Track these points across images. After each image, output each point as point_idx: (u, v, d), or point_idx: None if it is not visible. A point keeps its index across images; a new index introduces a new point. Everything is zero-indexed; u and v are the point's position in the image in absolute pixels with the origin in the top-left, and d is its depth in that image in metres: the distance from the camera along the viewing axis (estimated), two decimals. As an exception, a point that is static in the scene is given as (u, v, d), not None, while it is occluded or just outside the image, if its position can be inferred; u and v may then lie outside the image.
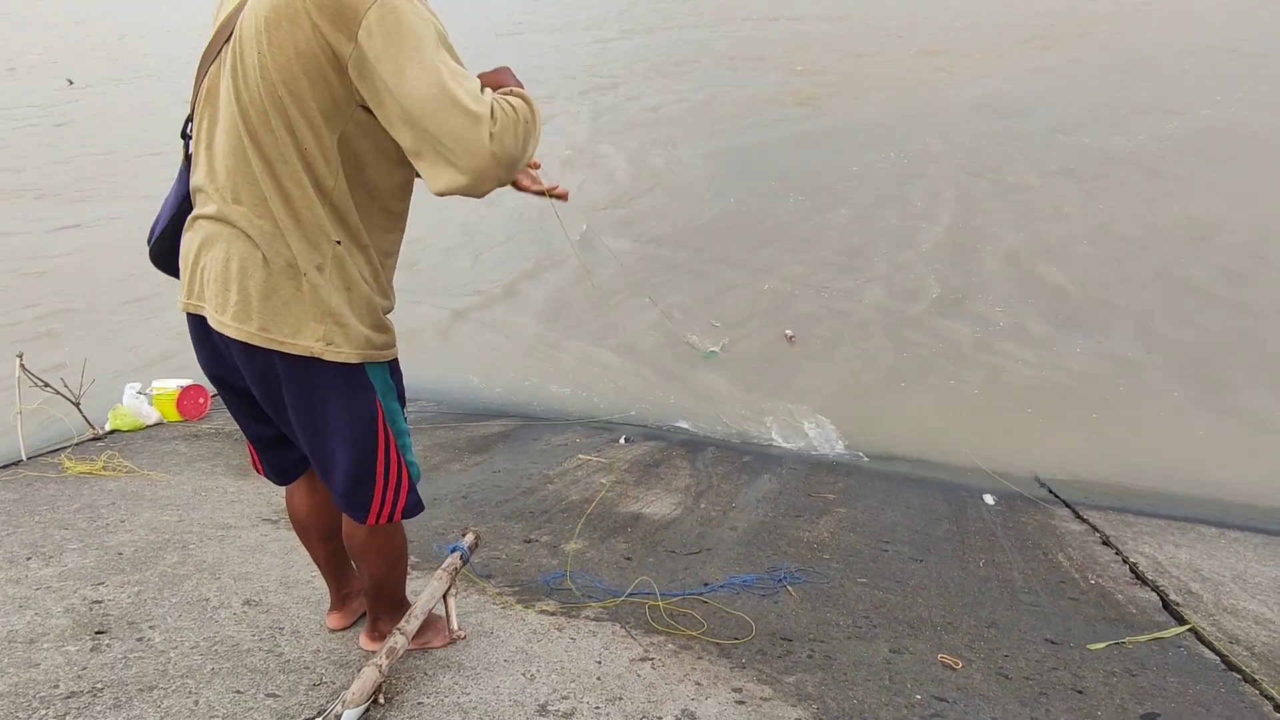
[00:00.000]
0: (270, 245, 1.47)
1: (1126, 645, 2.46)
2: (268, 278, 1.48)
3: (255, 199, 1.46)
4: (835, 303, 6.04)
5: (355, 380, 1.58)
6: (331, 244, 1.49)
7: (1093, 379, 5.03)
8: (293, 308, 1.49)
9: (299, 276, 1.48)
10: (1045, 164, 7.88)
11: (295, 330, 1.49)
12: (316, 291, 1.49)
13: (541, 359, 5.80)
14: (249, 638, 2.02)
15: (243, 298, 1.48)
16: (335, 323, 1.51)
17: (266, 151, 1.43)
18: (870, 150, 8.58)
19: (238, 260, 1.48)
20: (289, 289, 1.48)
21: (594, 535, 3.06)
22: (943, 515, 3.68)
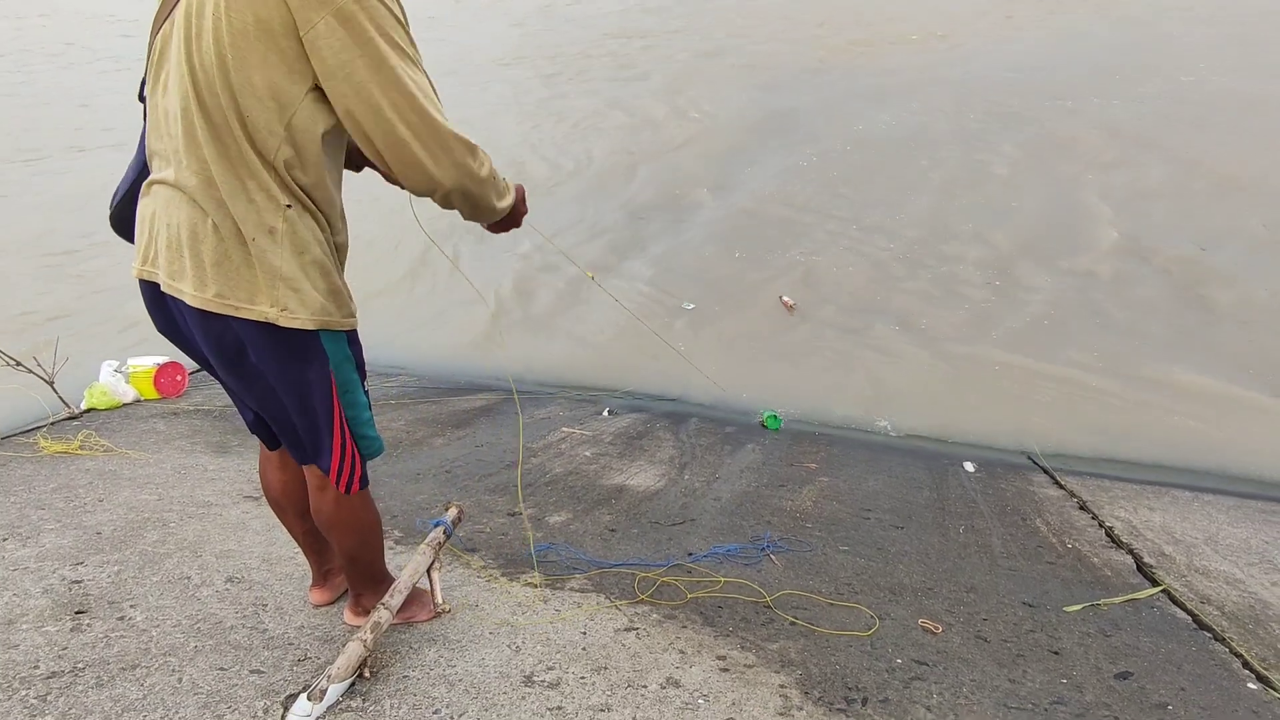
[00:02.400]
0: (218, 211, 1.45)
1: (1101, 607, 2.51)
2: (219, 244, 1.45)
3: (202, 164, 1.43)
4: (822, 268, 6.04)
5: (309, 349, 1.56)
6: (281, 208, 1.46)
7: (1070, 348, 5.08)
8: (244, 273, 1.47)
9: (248, 242, 1.46)
10: (1031, 137, 7.88)
11: (250, 296, 1.47)
12: (267, 256, 1.46)
13: (525, 332, 5.76)
14: (232, 615, 2.01)
15: (196, 264, 1.46)
16: (289, 288, 1.49)
17: (212, 117, 1.41)
18: (864, 119, 8.53)
19: (188, 227, 1.46)
20: (240, 255, 1.46)
21: (578, 507, 3.07)
22: (923, 483, 3.72)
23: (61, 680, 1.69)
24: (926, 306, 5.57)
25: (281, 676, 1.76)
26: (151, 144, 1.53)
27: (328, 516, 1.76)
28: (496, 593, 2.27)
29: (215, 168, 1.43)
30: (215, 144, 1.42)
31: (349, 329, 1.63)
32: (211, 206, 1.44)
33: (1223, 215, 6.22)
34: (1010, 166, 7.21)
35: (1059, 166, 7.15)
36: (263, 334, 1.51)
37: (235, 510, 2.73)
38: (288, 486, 1.91)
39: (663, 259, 6.43)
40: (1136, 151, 7.24)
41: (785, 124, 8.57)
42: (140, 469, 3.11)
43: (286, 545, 2.46)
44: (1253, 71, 8.60)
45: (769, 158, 7.90)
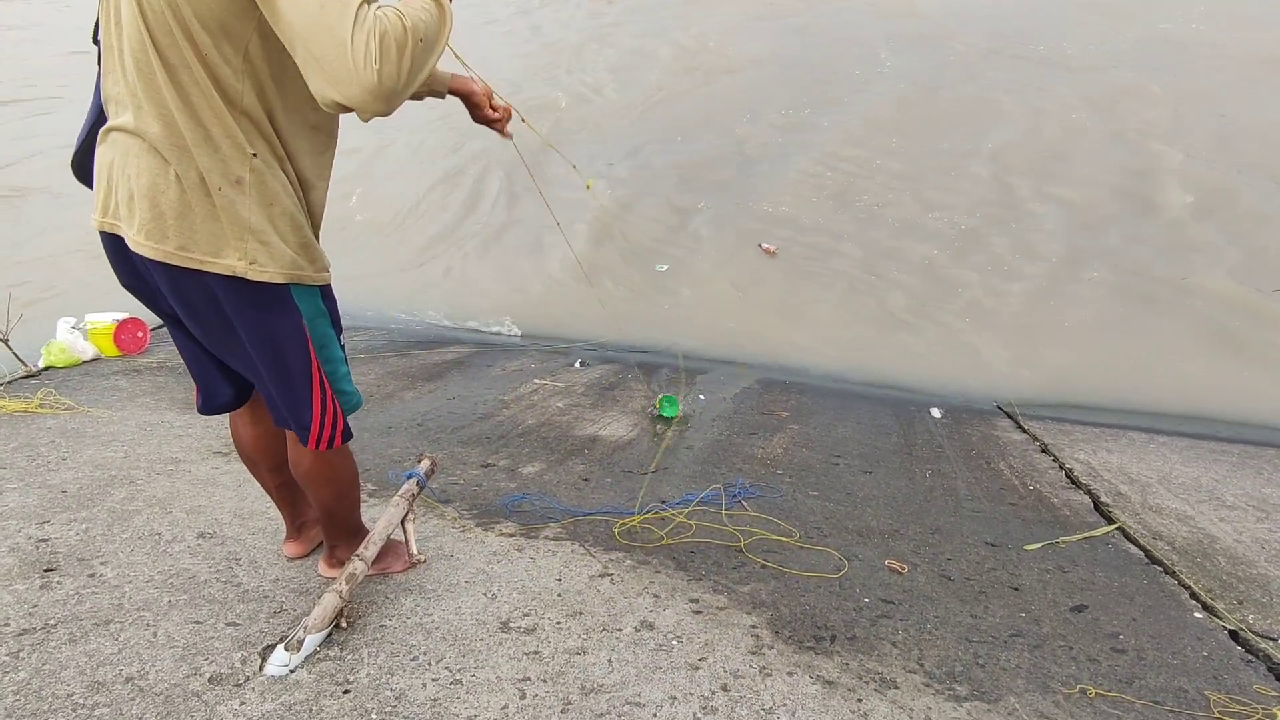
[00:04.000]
0: (180, 160, 1.39)
1: (1060, 545, 2.61)
2: (180, 194, 1.40)
3: (161, 109, 1.37)
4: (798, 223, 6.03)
5: (281, 303, 1.52)
6: (248, 157, 1.40)
7: (1033, 293, 5.15)
8: (210, 225, 1.42)
9: (214, 192, 1.40)
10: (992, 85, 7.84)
11: (215, 249, 1.42)
12: (234, 207, 1.41)
13: (490, 283, 5.70)
14: (205, 569, 2.01)
15: (156, 215, 1.40)
16: (257, 240, 1.44)
17: (169, 58, 1.34)
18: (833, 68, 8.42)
19: (148, 176, 1.40)
20: (204, 206, 1.41)
21: (551, 458, 3.09)
22: (891, 429, 3.79)
23: (33, 637, 1.68)
24: (898, 252, 5.60)
25: (258, 628, 1.77)
26: (107, 88, 1.45)
27: (306, 470, 1.75)
28: (471, 543, 2.29)
29: (178, 114, 1.36)
30: (175, 87, 1.35)
31: (322, 284, 1.59)
32: (174, 155, 1.38)
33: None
34: (1002, 97, 7.20)
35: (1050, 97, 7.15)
36: (232, 288, 1.46)
37: (204, 466, 2.71)
38: (259, 441, 1.89)
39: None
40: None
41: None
42: (104, 427, 3.05)
43: (258, 500, 2.45)
44: None
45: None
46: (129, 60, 1.37)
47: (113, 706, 1.49)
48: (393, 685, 1.62)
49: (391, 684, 1.62)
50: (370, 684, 1.62)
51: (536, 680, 1.67)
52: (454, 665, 1.70)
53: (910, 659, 1.87)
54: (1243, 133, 6.26)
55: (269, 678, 1.60)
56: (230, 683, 1.58)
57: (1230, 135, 6.27)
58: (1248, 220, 5.47)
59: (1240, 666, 1.96)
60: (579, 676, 1.69)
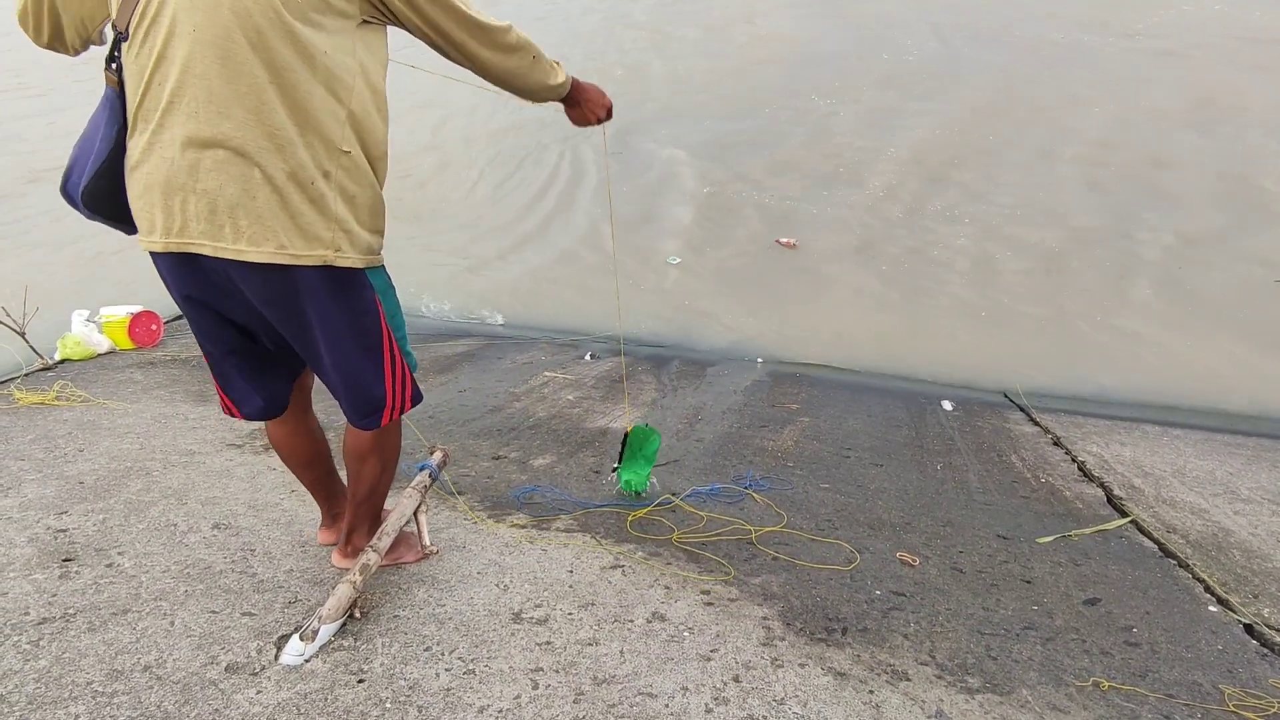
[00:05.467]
0: (269, 159, 1.44)
1: (1072, 538, 2.59)
2: (272, 194, 1.45)
3: (253, 111, 1.41)
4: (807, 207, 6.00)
5: (359, 285, 1.62)
6: (339, 154, 1.50)
7: (1045, 287, 5.12)
8: (301, 220, 1.49)
9: (304, 186, 1.47)
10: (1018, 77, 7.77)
11: (307, 242, 1.50)
12: (324, 200, 1.50)
13: (504, 277, 5.71)
14: (221, 560, 2.03)
15: (252, 220, 1.46)
16: (341, 229, 1.53)
17: (275, 59, 1.40)
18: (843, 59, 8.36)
19: (237, 185, 1.43)
20: (297, 200, 1.47)
21: (562, 450, 3.09)
22: (902, 422, 3.78)
23: (53, 626, 1.70)
24: (911, 248, 5.57)
25: (273, 618, 1.79)
26: (149, 106, 1.44)
27: (367, 445, 1.82)
28: (483, 534, 2.30)
29: (273, 114, 1.42)
30: (275, 88, 1.41)
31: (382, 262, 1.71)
32: (263, 156, 1.43)
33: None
34: (1001, 94, 7.14)
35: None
36: (320, 278, 1.54)
37: (219, 458, 2.73)
38: (288, 439, 1.93)
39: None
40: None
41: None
42: (120, 419, 3.08)
43: (272, 491, 2.47)
44: None
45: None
46: (197, 74, 1.39)
47: (131, 694, 1.51)
48: (406, 675, 1.63)
49: (405, 674, 1.63)
50: (384, 673, 1.63)
51: (549, 670, 1.68)
52: (467, 655, 1.71)
53: (922, 651, 1.87)
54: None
55: (284, 667, 1.62)
56: (246, 672, 1.60)
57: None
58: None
59: (1256, 661, 1.95)
60: (591, 667, 1.70)
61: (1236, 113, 6.52)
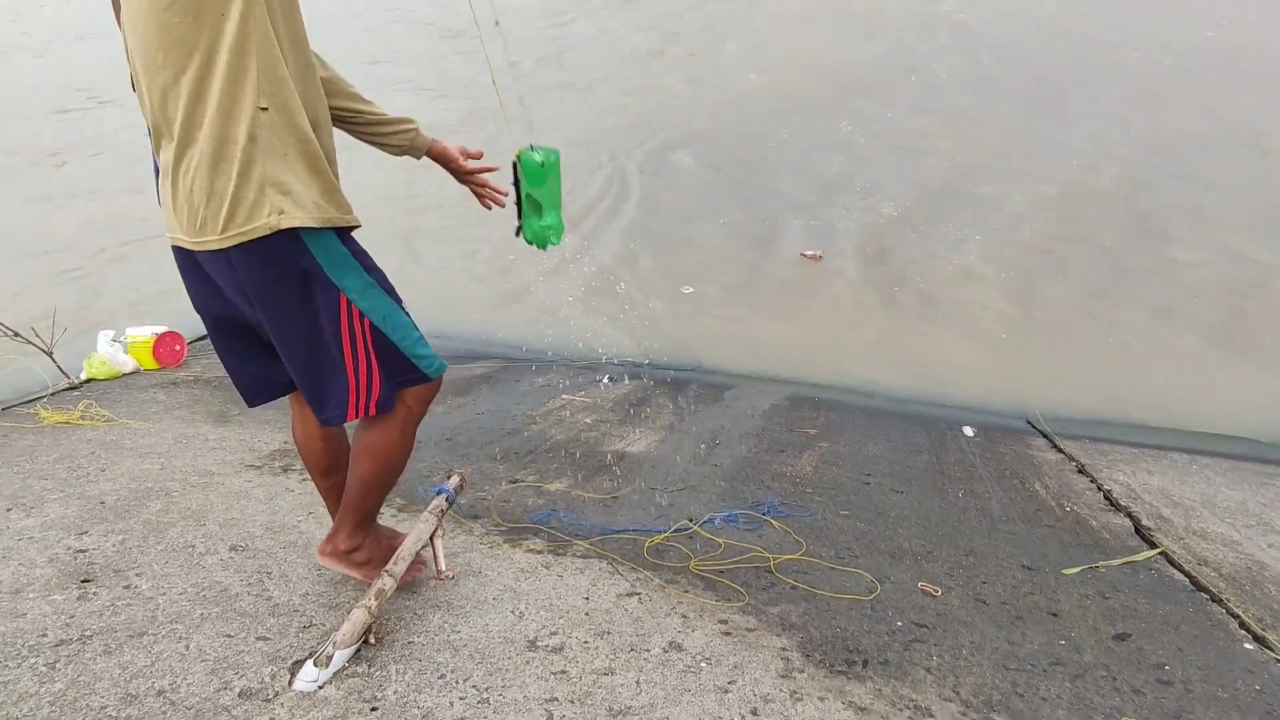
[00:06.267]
0: (206, 138, 1.45)
1: (1100, 569, 2.53)
2: (210, 172, 1.47)
3: (183, 97, 1.45)
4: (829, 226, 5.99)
5: (311, 264, 1.56)
6: (257, 111, 1.45)
7: (1069, 313, 5.06)
8: (240, 196, 1.47)
9: (233, 157, 1.46)
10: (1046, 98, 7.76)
11: (248, 215, 1.48)
12: (253, 166, 1.47)
13: (523, 299, 5.73)
14: (237, 583, 2.03)
15: (209, 206, 1.48)
16: (278, 192, 1.49)
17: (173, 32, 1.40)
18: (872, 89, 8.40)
19: (187, 173, 1.48)
20: (233, 176, 1.46)
21: (579, 474, 3.08)
22: (923, 447, 3.73)
23: (70, 648, 1.71)
24: (927, 268, 5.53)
25: (288, 643, 1.78)
26: (152, 122, 1.53)
27: (361, 438, 1.79)
28: (499, 559, 2.28)
29: (190, 90, 1.43)
30: (183, 61, 1.42)
31: (349, 226, 1.63)
32: (199, 136, 1.45)
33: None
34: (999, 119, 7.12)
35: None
36: (256, 252, 1.51)
37: (238, 479, 2.74)
38: (307, 442, 1.94)
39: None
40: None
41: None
42: (141, 439, 3.11)
43: (290, 513, 2.47)
44: None
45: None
46: (144, 76, 1.47)
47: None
48: (420, 703, 1.61)
49: (419, 702, 1.62)
50: (398, 701, 1.61)
51: (564, 701, 1.65)
52: (481, 684, 1.69)
53: (945, 686, 1.82)
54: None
55: (298, 693, 1.61)
56: (260, 697, 1.59)
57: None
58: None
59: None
60: (606, 698, 1.67)
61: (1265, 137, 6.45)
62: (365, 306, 1.64)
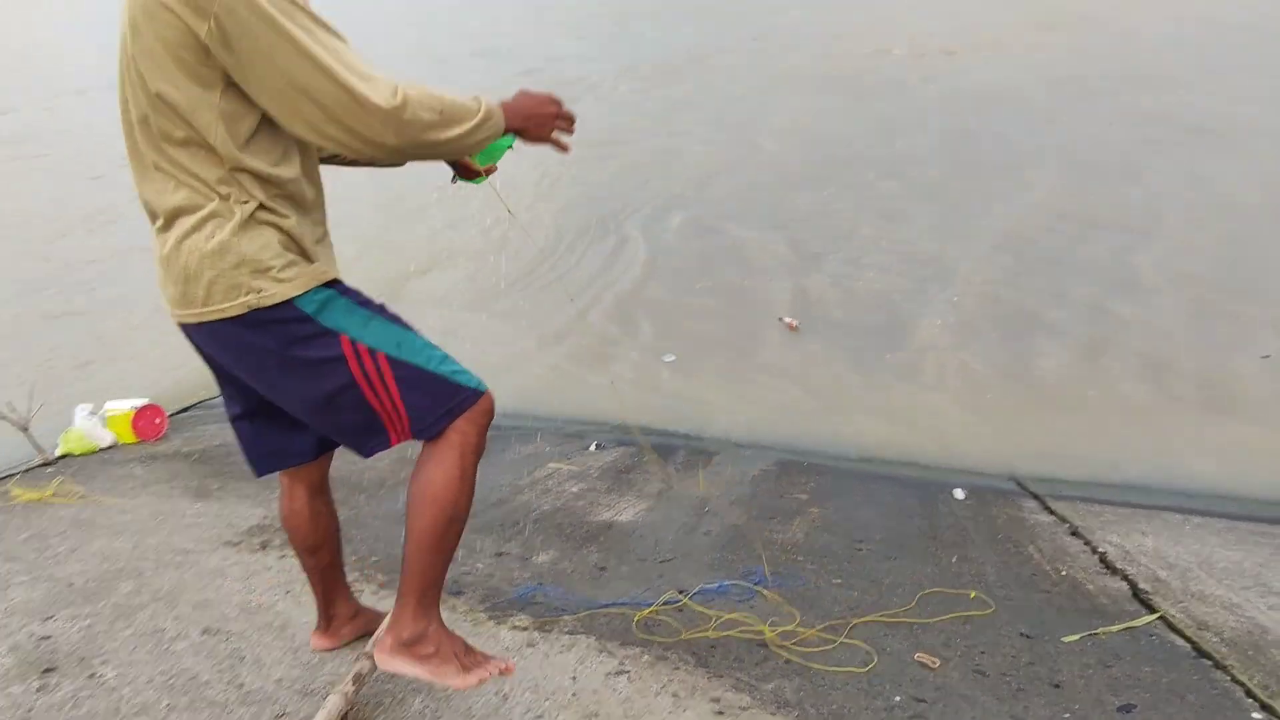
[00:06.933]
0: (180, 215, 1.46)
1: (1100, 636, 2.47)
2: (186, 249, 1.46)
3: (154, 181, 1.47)
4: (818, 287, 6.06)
5: (297, 319, 1.50)
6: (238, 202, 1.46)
7: (1055, 372, 5.10)
8: (216, 270, 1.46)
9: (209, 234, 1.45)
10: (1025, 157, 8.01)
11: (225, 293, 1.46)
12: (227, 244, 1.45)
13: (507, 365, 5.73)
14: (208, 669, 1.94)
15: (175, 280, 1.49)
16: (255, 270, 1.46)
17: (156, 132, 1.43)
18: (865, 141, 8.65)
19: (164, 245, 1.49)
20: (204, 248, 1.45)
21: (566, 546, 3.01)
22: (914, 512, 3.69)
23: (26, 745, 1.62)
24: (912, 329, 5.59)
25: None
26: (138, 195, 1.56)
27: (416, 483, 1.60)
28: (483, 637, 2.21)
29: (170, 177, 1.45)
30: (163, 155, 1.44)
31: (325, 279, 1.55)
32: (174, 214, 1.47)
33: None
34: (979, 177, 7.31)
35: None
36: (253, 325, 1.48)
37: (214, 557, 2.66)
38: (294, 517, 1.88)
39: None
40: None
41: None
42: (116, 516, 3.03)
43: (267, 592, 2.39)
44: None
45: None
46: (130, 148, 1.50)
47: (102, 823, 1.41)
48: (397, 798, 1.53)
49: (396, 796, 1.53)
50: (374, 796, 1.53)
51: (549, 792, 1.57)
52: (462, 775, 1.61)
53: (948, 766, 1.75)
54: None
55: (267, 790, 1.52)
56: (227, 795, 1.50)
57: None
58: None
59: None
60: (594, 787, 1.59)
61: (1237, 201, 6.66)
62: (372, 341, 1.52)
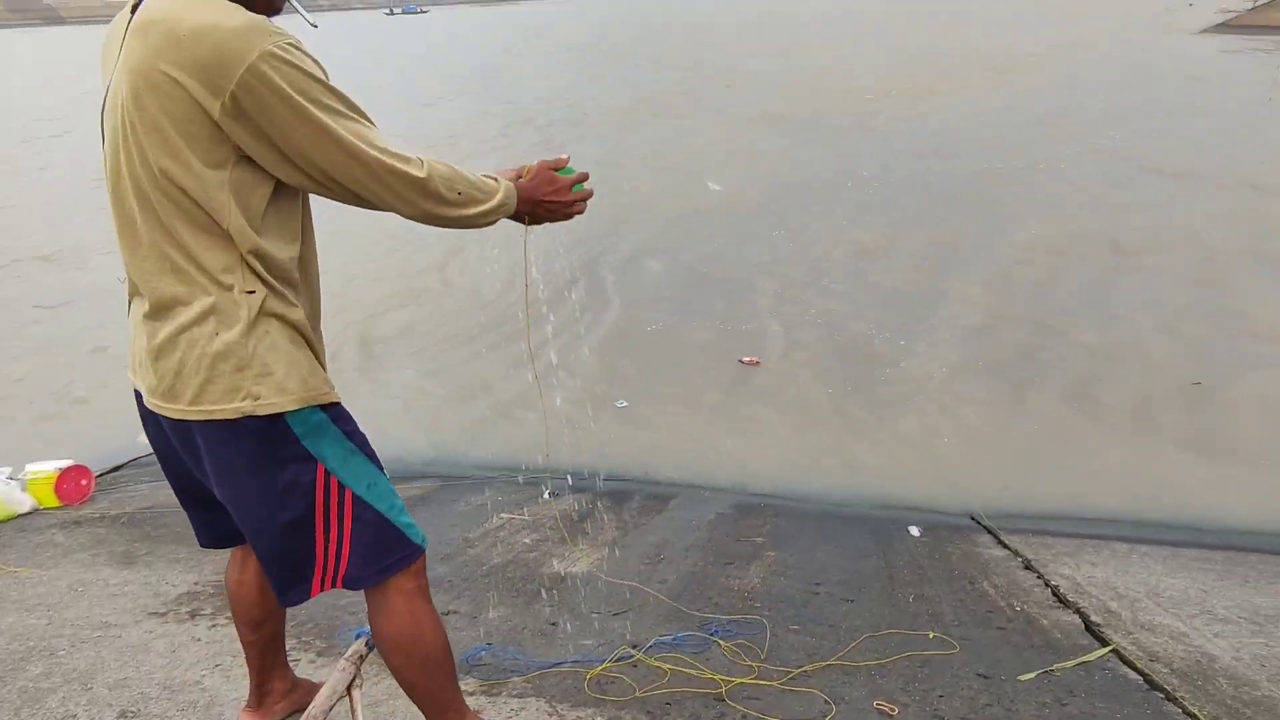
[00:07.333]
0: (180, 306, 1.37)
1: (1055, 673, 2.47)
2: (184, 344, 1.37)
3: (147, 264, 1.38)
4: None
5: (282, 437, 1.42)
6: (243, 291, 1.37)
7: (1002, 407, 5.20)
8: (214, 370, 1.36)
9: (210, 333, 1.36)
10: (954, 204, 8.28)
11: (222, 395, 1.37)
12: (231, 344, 1.36)
13: (459, 412, 5.62)
14: (123, 756, 1.80)
15: (162, 373, 1.39)
16: (259, 374, 1.38)
17: (158, 211, 1.34)
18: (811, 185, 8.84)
19: (148, 331, 1.40)
20: (205, 348, 1.36)
21: (517, 601, 2.91)
22: (871, 551, 3.68)
23: None
24: (873, 369, 5.66)
25: (175, 828, 1.56)
26: (125, 269, 1.46)
27: (380, 633, 1.58)
28: (426, 706, 2.09)
29: (169, 260, 1.36)
30: (164, 237, 1.35)
31: (329, 402, 1.49)
32: (172, 304, 1.37)
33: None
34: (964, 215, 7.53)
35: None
36: (230, 431, 1.39)
37: (137, 630, 2.49)
38: (241, 589, 1.77)
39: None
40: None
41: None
42: (31, 588, 2.83)
43: (193, 667, 2.24)
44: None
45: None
46: (122, 219, 1.40)
47: None
48: None
49: None
50: None
51: None
52: None
53: (909, 821, 1.70)
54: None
55: None
56: None
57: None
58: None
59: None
60: None
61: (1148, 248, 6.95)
62: (345, 476, 1.49)
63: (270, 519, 1.45)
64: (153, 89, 1.27)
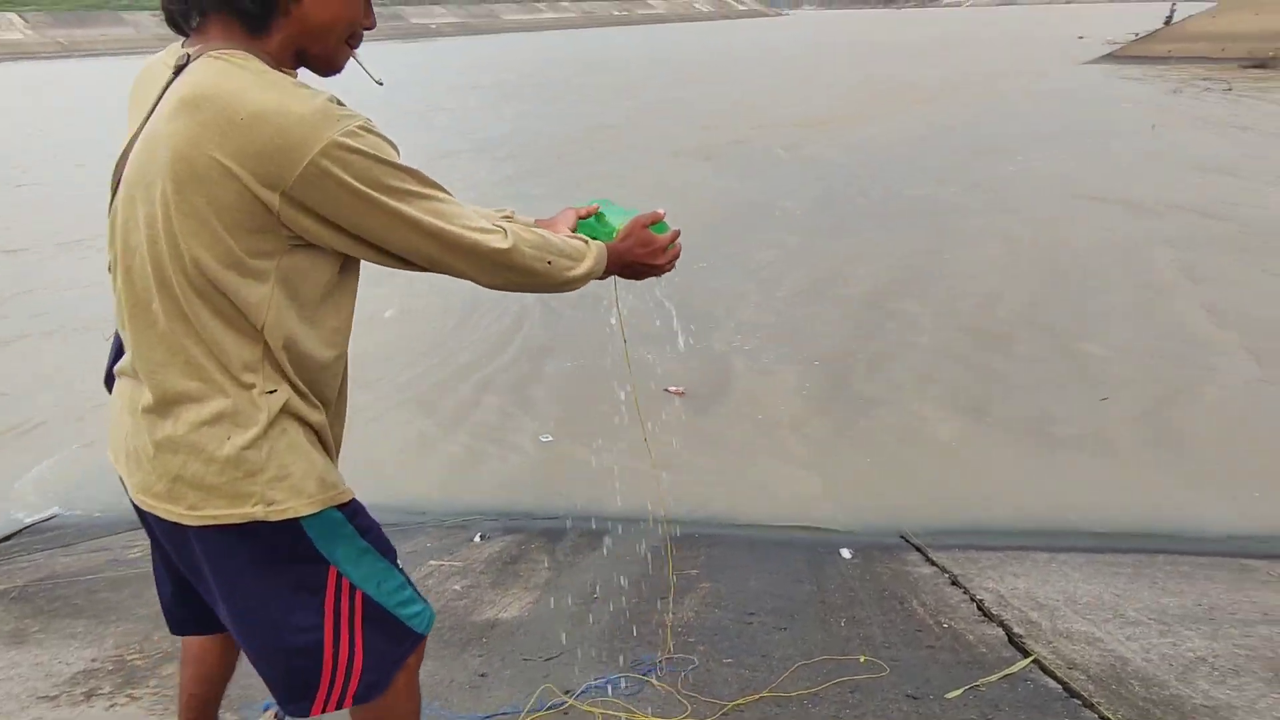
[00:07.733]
0: (185, 405, 1.25)
1: (980, 688, 2.52)
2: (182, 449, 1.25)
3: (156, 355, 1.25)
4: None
5: (295, 540, 1.33)
6: (264, 394, 1.27)
7: (933, 423, 5.35)
8: (224, 475, 1.25)
9: (221, 437, 1.24)
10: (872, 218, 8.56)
11: (230, 500, 1.26)
12: (245, 453, 1.25)
13: (383, 453, 5.46)
14: None
15: (161, 473, 1.27)
16: (275, 477, 1.27)
17: (180, 301, 1.21)
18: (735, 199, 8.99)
19: (145, 429, 1.27)
20: (215, 453, 1.24)
21: (444, 653, 2.82)
22: (803, 576, 3.70)
23: None
24: (784, 385, 5.75)
25: None
26: (118, 322, 1.33)
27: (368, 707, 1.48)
28: (344, 775, 1.99)
29: (168, 350, 1.24)
30: (185, 332, 1.22)
31: (343, 501, 1.39)
32: (178, 400, 1.25)
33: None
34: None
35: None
36: (235, 538, 1.29)
37: (24, 719, 2.31)
38: (203, 645, 1.68)
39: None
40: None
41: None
42: (-95, 678, 2.59)
43: (87, 754, 2.08)
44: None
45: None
46: (128, 304, 1.27)
47: None
48: None
49: None
50: None
51: None
52: None
53: None
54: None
55: None
56: None
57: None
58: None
59: (1175, 809, 1.87)
60: None
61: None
62: (358, 577, 1.40)
63: (272, 625, 1.36)
64: (198, 177, 1.15)
